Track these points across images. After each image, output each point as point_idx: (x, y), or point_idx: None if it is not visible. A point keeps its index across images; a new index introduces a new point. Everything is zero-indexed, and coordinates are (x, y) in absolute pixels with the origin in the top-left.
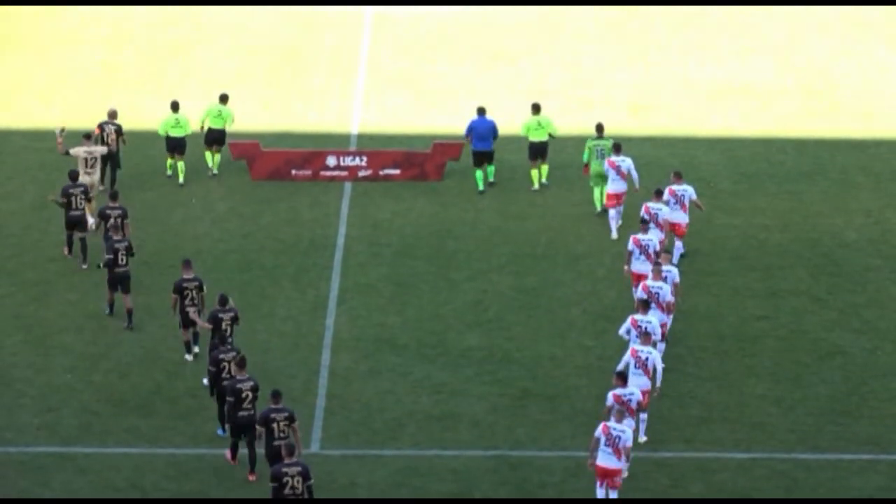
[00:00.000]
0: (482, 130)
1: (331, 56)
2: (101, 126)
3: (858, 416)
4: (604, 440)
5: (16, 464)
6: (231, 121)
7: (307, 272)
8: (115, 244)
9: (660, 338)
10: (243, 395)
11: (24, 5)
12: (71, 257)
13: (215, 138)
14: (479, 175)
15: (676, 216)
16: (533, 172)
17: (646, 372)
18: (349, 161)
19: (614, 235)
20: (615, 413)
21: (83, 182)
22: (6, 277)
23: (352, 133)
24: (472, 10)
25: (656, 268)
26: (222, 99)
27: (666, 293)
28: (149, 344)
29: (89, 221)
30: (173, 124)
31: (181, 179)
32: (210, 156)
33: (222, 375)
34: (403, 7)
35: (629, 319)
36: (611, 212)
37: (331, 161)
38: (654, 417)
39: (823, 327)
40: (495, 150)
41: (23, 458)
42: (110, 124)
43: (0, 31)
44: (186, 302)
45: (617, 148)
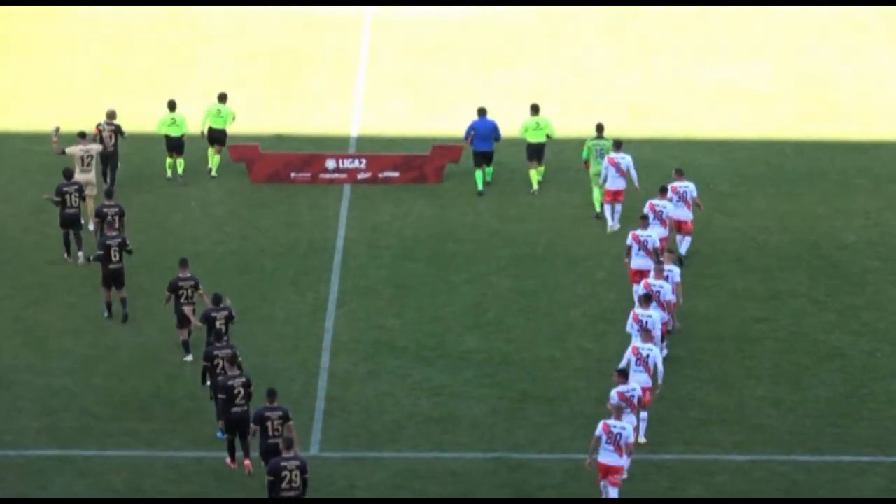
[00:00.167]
0: (483, 130)
1: (330, 59)
2: (100, 126)
3: (858, 418)
4: (605, 438)
5: (15, 467)
6: (231, 119)
7: (306, 275)
8: (107, 240)
9: (660, 335)
10: (235, 392)
11: (25, 5)
12: (70, 260)
13: (216, 138)
14: (479, 175)
15: (681, 213)
16: (531, 173)
17: (646, 369)
18: (348, 163)
19: (615, 226)
20: (614, 410)
21: (78, 180)
22: (5, 280)
23: (351, 136)
24: (472, 13)
25: (658, 266)
26: (221, 98)
27: (667, 291)
28: (148, 347)
29: (91, 227)
30: (169, 123)
31: (180, 171)
32: (211, 156)
33: (216, 372)
34: (403, 10)
35: (631, 314)
36: (608, 207)
37: (330, 164)
38: (654, 419)
39: (823, 329)
40: (495, 152)
41: (22, 461)
42: (108, 124)
43: None
44: (182, 301)
45: (617, 145)
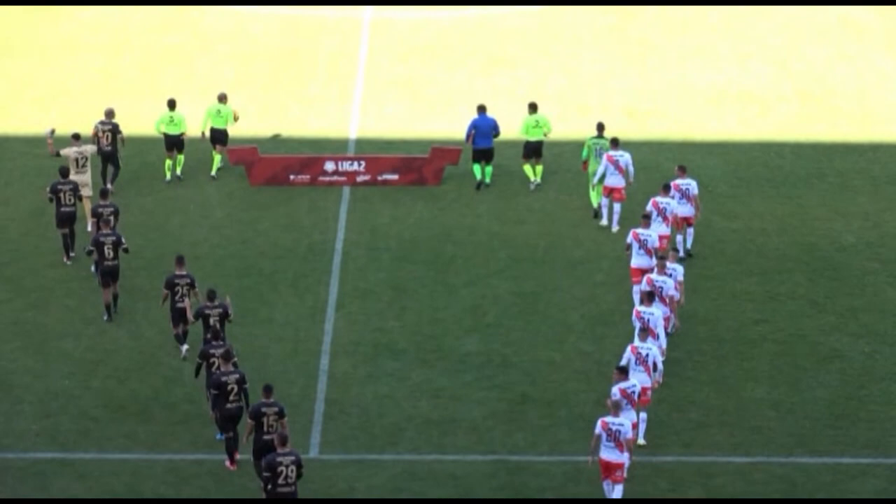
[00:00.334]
0: (484, 128)
1: (329, 62)
2: (96, 127)
3: (857, 420)
4: (605, 436)
5: (15, 470)
6: (232, 119)
7: (306, 277)
8: (101, 237)
9: (663, 332)
10: (228, 388)
11: (25, 5)
12: (69, 262)
13: (217, 137)
14: (478, 168)
15: (684, 210)
16: (527, 168)
17: (646, 368)
18: (347, 166)
19: (615, 228)
20: (613, 407)
21: (73, 180)
22: (5, 283)
23: (350, 138)
24: (470, 16)
25: (660, 262)
26: (220, 98)
27: (669, 287)
28: (147, 350)
29: (88, 228)
30: (168, 122)
31: (178, 171)
32: (215, 156)
33: (212, 370)
34: (402, 13)
35: (634, 311)
36: (604, 200)
37: (329, 166)
38: (653, 421)
39: (822, 331)
40: (495, 154)
41: (22, 464)
42: (105, 123)
43: None
44: (177, 298)
45: (615, 143)
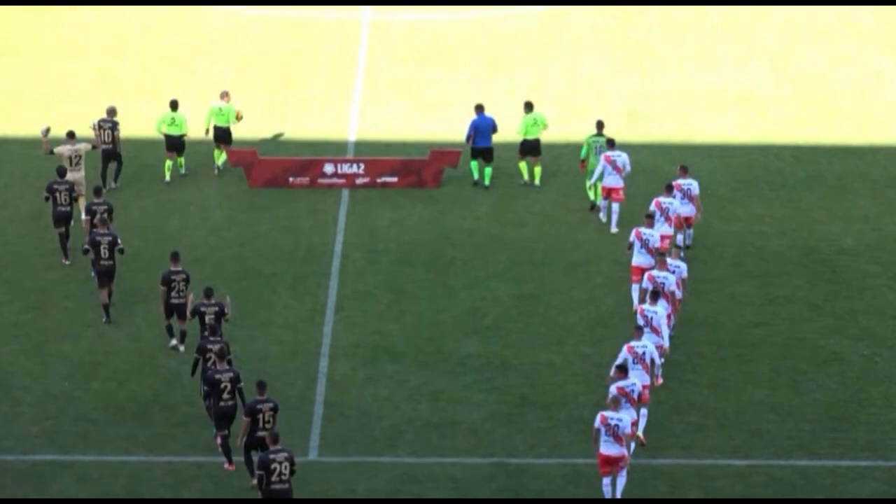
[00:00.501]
0: (484, 128)
1: (328, 64)
2: (99, 124)
3: (856, 423)
4: (604, 430)
5: (14, 472)
6: (234, 117)
7: (305, 280)
8: (97, 237)
9: (666, 331)
10: (222, 386)
11: (25, 5)
12: (68, 262)
13: (221, 136)
14: (475, 165)
15: (686, 209)
16: (521, 165)
17: (644, 367)
18: (347, 168)
19: (614, 230)
20: (612, 402)
21: (69, 179)
22: (4, 285)
23: (349, 140)
24: (470, 18)
25: (661, 258)
26: (222, 96)
27: (671, 283)
28: (146, 352)
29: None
30: (169, 122)
31: (182, 171)
32: (218, 154)
33: (207, 366)
34: (401, 14)
35: (637, 309)
36: (603, 202)
37: (328, 168)
38: (652, 424)
39: (821, 334)
40: (494, 157)
41: (21, 466)
42: (107, 121)
43: None
44: (173, 294)
45: (611, 143)
